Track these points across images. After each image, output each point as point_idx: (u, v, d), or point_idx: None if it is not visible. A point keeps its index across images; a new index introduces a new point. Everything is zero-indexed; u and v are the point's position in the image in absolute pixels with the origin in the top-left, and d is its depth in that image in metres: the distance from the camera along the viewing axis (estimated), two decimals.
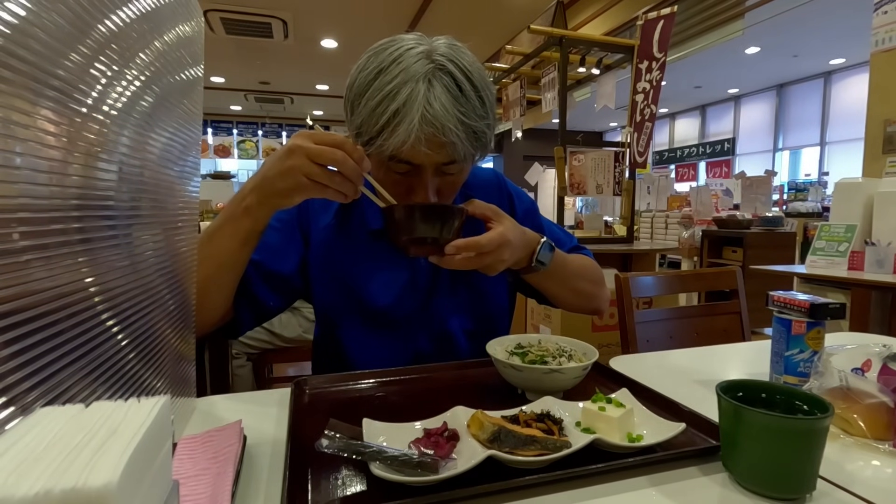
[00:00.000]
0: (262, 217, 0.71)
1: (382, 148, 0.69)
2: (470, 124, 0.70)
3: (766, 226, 4.06)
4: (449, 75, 0.69)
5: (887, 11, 2.62)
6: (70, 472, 0.23)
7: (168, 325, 0.57)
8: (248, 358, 1.98)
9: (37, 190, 0.35)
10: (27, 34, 0.33)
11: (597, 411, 0.56)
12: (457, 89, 0.69)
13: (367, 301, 0.85)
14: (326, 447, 0.47)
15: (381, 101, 0.68)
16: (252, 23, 5.39)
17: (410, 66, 0.68)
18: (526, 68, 4.06)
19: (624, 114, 3.20)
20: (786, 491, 0.47)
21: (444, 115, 0.67)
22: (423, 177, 0.73)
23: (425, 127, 0.67)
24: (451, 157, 0.72)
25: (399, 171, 0.74)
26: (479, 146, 0.74)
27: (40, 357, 0.35)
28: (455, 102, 0.69)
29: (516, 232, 0.75)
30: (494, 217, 0.75)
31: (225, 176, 8.06)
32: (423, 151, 0.69)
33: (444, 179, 0.76)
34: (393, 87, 0.67)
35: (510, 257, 0.74)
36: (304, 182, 0.64)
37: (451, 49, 0.72)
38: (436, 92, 0.68)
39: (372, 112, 0.68)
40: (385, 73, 0.69)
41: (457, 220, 0.71)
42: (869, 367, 0.64)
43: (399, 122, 0.67)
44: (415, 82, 0.67)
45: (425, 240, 0.70)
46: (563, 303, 0.95)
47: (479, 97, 0.72)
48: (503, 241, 0.72)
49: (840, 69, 7.70)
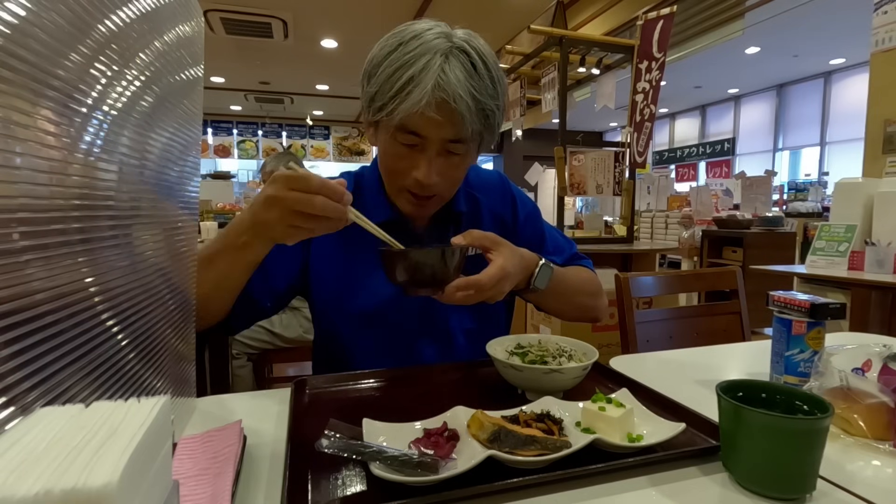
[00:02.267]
0: (264, 250, 0.70)
1: (394, 114, 0.71)
2: (480, 100, 0.73)
3: (766, 226, 4.06)
4: (465, 54, 0.73)
5: (887, 11, 2.62)
6: (70, 472, 0.23)
7: (168, 325, 0.57)
8: (248, 358, 1.98)
9: (37, 190, 0.35)
10: (27, 34, 0.33)
11: (597, 411, 0.56)
12: (471, 67, 0.73)
13: (367, 301, 0.85)
14: (326, 447, 0.47)
15: (398, 69, 0.71)
16: (252, 23, 5.39)
17: (430, 41, 0.71)
18: (526, 68, 4.06)
19: (624, 114, 3.20)
20: (786, 491, 0.47)
21: (456, 84, 0.70)
22: (427, 151, 0.75)
23: (437, 92, 0.69)
24: (458, 132, 0.73)
25: (406, 142, 0.75)
26: (487, 127, 0.76)
27: (40, 357, 0.35)
28: (469, 78, 0.72)
29: (515, 260, 0.75)
30: (493, 247, 0.74)
31: (225, 176, 8.04)
32: (432, 118, 0.70)
33: (449, 161, 0.76)
34: (411, 56, 0.70)
35: (509, 287, 0.74)
36: (289, 232, 0.62)
37: (468, 35, 0.75)
38: (451, 65, 0.71)
39: (388, 79, 0.71)
40: (404, 45, 0.72)
41: (455, 260, 0.68)
42: (869, 367, 0.64)
43: (414, 87, 0.69)
44: (432, 54, 0.70)
45: (424, 284, 0.68)
46: (561, 315, 0.96)
47: (492, 78, 0.74)
48: (503, 276, 0.71)
49: (840, 69, 7.70)
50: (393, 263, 0.67)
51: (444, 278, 0.68)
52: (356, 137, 10.83)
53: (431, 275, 0.67)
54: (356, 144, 10.84)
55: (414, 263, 0.67)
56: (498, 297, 0.73)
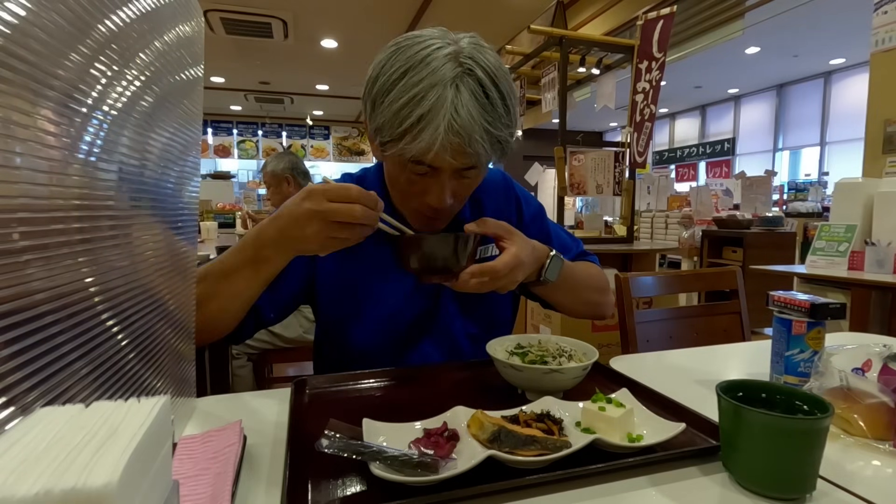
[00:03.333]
0: (283, 265, 0.71)
1: (404, 151, 0.67)
2: (495, 133, 0.69)
3: (766, 226, 4.06)
4: (476, 81, 0.67)
5: (887, 11, 2.62)
6: (70, 472, 0.23)
7: (168, 325, 0.57)
8: (248, 358, 1.98)
9: (37, 190, 0.35)
10: (27, 34, 0.33)
11: (597, 411, 0.56)
12: (483, 96, 0.68)
13: (374, 306, 0.85)
14: (326, 447, 0.47)
15: (407, 104, 0.65)
16: (252, 23, 5.39)
17: (438, 69, 0.65)
18: (526, 68, 4.06)
19: (624, 114, 3.20)
20: (786, 491, 0.47)
21: (470, 124, 0.66)
22: (440, 178, 0.72)
23: (451, 136, 0.65)
24: (472, 163, 0.71)
25: (418, 172, 0.72)
26: (501, 153, 0.73)
27: (40, 357, 0.35)
28: (482, 111, 0.67)
29: (528, 250, 0.75)
30: (507, 235, 0.74)
31: (225, 176, 8.05)
32: (447, 160, 0.68)
33: (461, 182, 0.75)
34: (419, 90, 0.65)
35: (522, 277, 0.74)
36: (328, 244, 0.64)
37: (476, 50, 0.69)
38: (463, 98, 0.66)
39: (396, 114, 0.66)
40: (411, 73, 0.66)
41: (469, 247, 0.70)
42: (869, 367, 0.64)
43: (424, 127, 0.65)
44: (442, 87, 0.65)
45: (438, 270, 0.69)
46: (569, 311, 0.95)
47: (505, 105, 0.70)
48: (517, 264, 0.71)
49: (840, 69, 7.70)
50: (408, 249, 0.69)
51: (457, 264, 0.69)
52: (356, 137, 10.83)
53: (445, 260, 0.69)
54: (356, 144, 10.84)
55: (428, 249, 0.69)
56: (510, 285, 0.72)
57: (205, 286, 0.70)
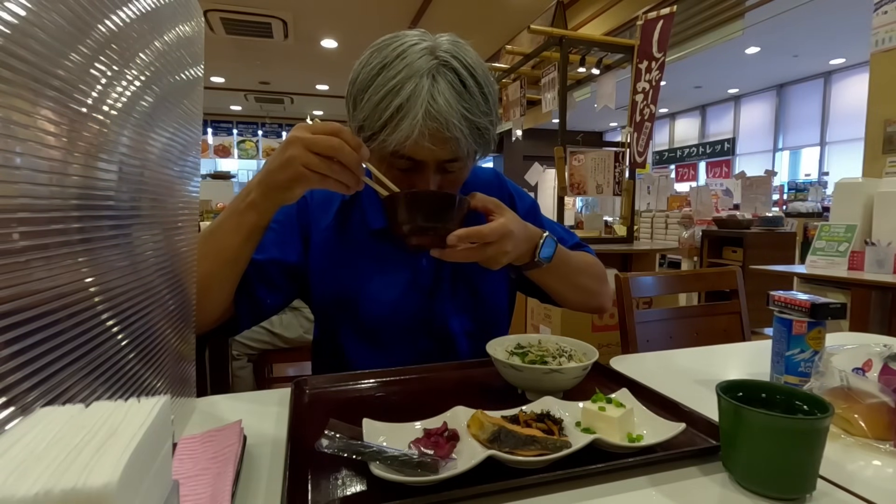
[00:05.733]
0: (267, 212, 0.71)
1: (385, 143, 0.69)
2: (473, 120, 0.71)
3: (766, 226, 4.06)
4: (453, 71, 0.70)
5: (887, 11, 2.62)
6: (70, 472, 0.23)
7: (168, 325, 0.57)
8: (248, 359, 1.98)
9: (37, 190, 0.35)
10: (27, 34, 0.33)
11: (597, 411, 0.56)
12: (461, 85, 0.70)
13: (368, 302, 0.85)
14: (326, 447, 0.47)
15: (385, 97, 0.68)
16: (252, 23, 5.40)
17: (414, 61, 0.68)
18: (526, 68, 4.06)
19: (624, 114, 3.19)
20: (786, 491, 0.47)
21: (447, 110, 0.68)
22: (425, 173, 0.73)
23: (429, 122, 0.67)
24: (453, 153, 0.72)
25: (401, 167, 0.74)
26: (482, 143, 0.74)
27: (40, 357, 0.35)
28: (459, 98, 0.69)
29: (518, 224, 0.74)
30: (497, 210, 0.74)
31: (225, 176, 8.06)
32: (426, 147, 0.69)
33: (446, 177, 0.76)
34: (396, 82, 0.68)
35: (513, 249, 0.73)
36: (303, 172, 0.64)
37: (454, 46, 0.72)
38: (440, 87, 0.68)
39: (375, 107, 0.69)
40: (388, 68, 0.69)
41: (459, 210, 0.70)
42: (870, 367, 0.64)
43: (402, 117, 0.67)
44: (419, 77, 0.68)
45: (427, 229, 0.68)
46: (566, 300, 0.93)
47: (483, 93, 0.72)
48: (506, 232, 0.70)
49: (840, 69, 7.70)
50: (399, 206, 0.68)
51: (446, 225, 0.68)
52: None
53: (435, 216, 0.68)
54: None
55: (418, 204, 0.68)
56: (500, 257, 0.71)
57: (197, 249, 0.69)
